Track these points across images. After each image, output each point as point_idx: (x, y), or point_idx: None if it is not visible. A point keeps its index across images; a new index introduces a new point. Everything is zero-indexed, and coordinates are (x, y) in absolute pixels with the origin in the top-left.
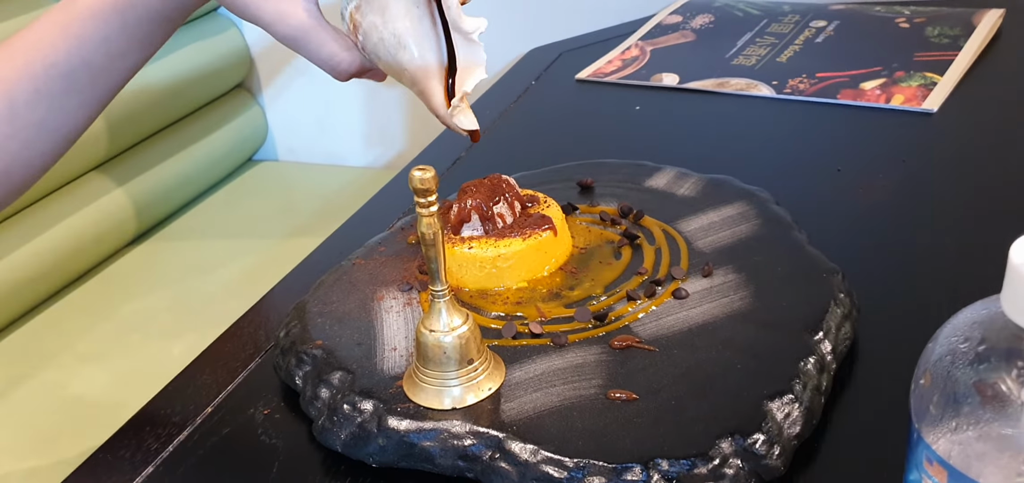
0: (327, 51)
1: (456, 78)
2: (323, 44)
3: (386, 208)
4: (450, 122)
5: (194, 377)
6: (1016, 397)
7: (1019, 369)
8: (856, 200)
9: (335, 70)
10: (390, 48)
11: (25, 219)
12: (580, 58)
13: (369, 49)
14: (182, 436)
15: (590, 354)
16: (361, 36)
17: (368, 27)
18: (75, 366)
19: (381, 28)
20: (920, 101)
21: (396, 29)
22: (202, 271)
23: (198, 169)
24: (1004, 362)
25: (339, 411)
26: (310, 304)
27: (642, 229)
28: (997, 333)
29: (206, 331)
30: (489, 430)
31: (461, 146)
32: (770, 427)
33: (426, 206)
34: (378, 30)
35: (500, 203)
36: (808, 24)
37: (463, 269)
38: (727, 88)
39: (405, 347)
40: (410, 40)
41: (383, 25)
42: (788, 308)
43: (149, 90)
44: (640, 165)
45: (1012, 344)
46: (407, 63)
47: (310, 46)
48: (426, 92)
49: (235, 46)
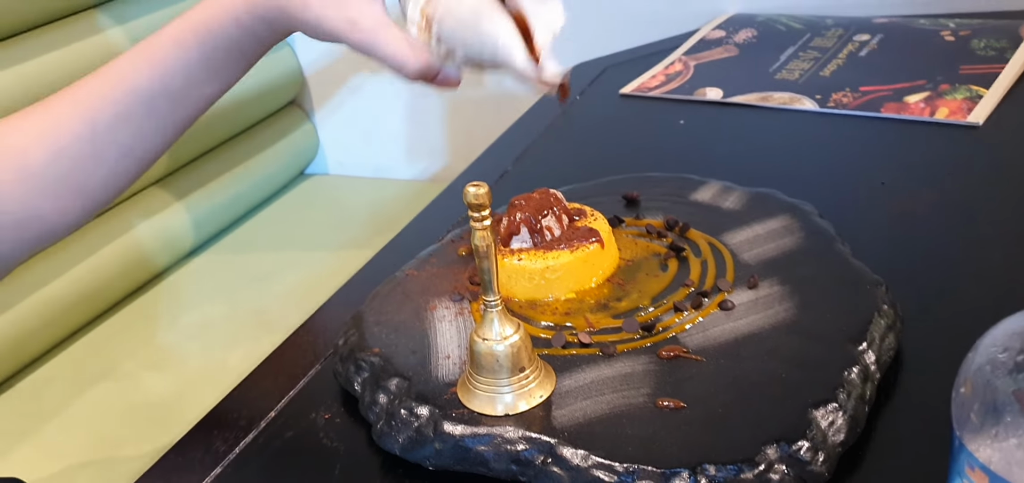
0: (395, 49)
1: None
2: (391, 42)
3: (436, 221)
4: (542, 77)
5: (257, 382)
6: None
7: None
8: (900, 213)
9: (404, 68)
10: (469, 24)
11: (89, 232)
12: (624, 73)
13: (446, 35)
14: (248, 438)
15: (638, 364)
16: (437, 26)
17: (443, 12)
18: (137, 373)
19: (455, 8)
20: (965, 114)
21: (471, 4)
22: (257, 282)
23: (253, 183)
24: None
25: (397, 416)
26: (367, 313)
27: (688, 242)
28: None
29: (261, 340)
30: (541, 436)
31: (507, 160)
32: (815, 434)
33: (480, 220)
34: (452, 12)
35: (548, 216)
36: (852, 38)
37: (513, 280)
38: (770, 102)
39: (458, 355)
40: (485, 8)
41: (457, 4)
42: (832, 319)
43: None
44: (685, 179)
45: None
46: (488, 29)
47: (380, 46)
48: (510, 58)
49: (288, 66)
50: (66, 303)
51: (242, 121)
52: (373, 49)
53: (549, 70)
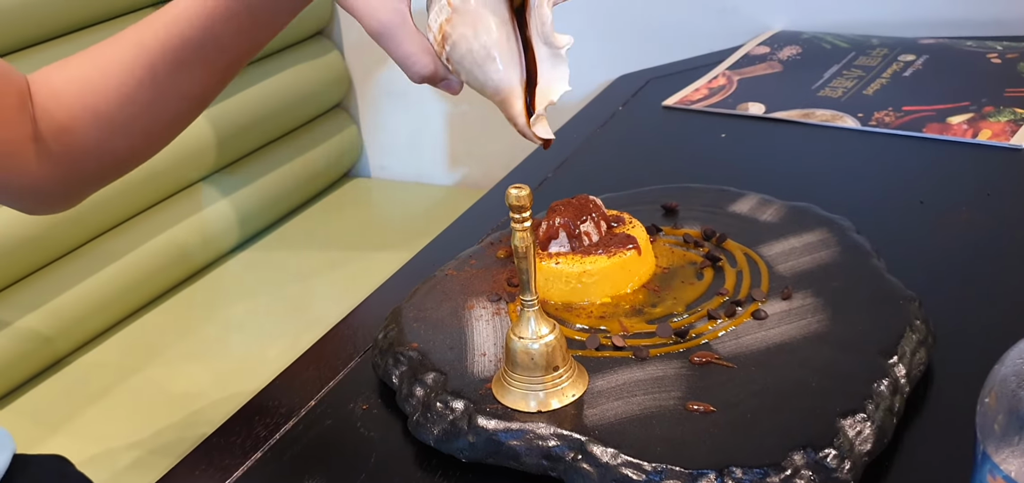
0: (406, 50)
1: (537, 90)
2: (403, 42)
3: (476, 224)
4: (528, 132)
5: (299, 373)
6: None
7: None
8: (937, 231)
9: (411, 70)
10: (479, 60)
11: (138, 224)
12: (667, 85)
13: (455, 60)
14: (288, 425)
15: (670, 368)
16: (449, 46)
17: (458, 38)
18: (180, 363)
19: (471, 40)
20: (1009, 136)
21: (486, 42)
22: (298, 279)
23: (297, 183)
24: None
25: (432, 409)
26: (406, 310)
27: (724, 252)
28: None
29: (300, 336)
30: (572, 433)
31: (547, 167)
32: (842, 443)
33: (520, 221)
34: (468, 41)
35: (587, 222)
36: (896, 58)
37: (550, 283)
38: (812, 119)
39: (494, 353)
40: (498, 53)
41: (474, 37)
42: (864, 332)
43: (255, 108)
44: (724, 190)
45: None
46: (493, 74)
47: (392, 42)
48: (507, 103)
49: (335, 68)
50: (114, 292)
51: (289, 122)
52: (387, 41)
53: (536, 132)
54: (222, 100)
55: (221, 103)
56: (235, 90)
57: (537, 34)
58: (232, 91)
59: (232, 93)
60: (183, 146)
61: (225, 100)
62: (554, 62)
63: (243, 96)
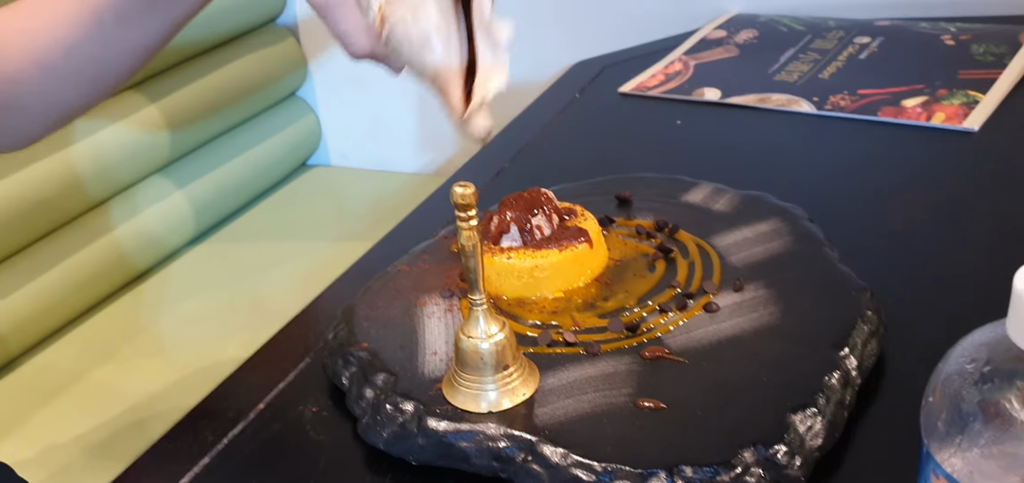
0: (344, 27)
1: (475, 83)
2: (342, 20)
3: (431, 216)
4: (462, 125)
5: (248, 375)
6: (1018, 416)
7: (1020, 390)
8: (891, 218)
9: (350, 48)
10: (416, 46)
11: (90, 220)
12: (624, 71)
13: (393, 43)
14: (236, 430)
15: (621, 364)
16: (387, 29)
17: (396, 21)
18: (134, 362)
19: (409, 24)
20: (961, 119)
21: (424, 28)
22: (256, 272)
23: (254, 173)
24: (1007, 383)
25: (382, 411)
26: (357, 308)
27: (677, 243)
28: (1002, 355)
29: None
30: (522, 433)
31: (504, 157)
32: (792, 439)
33: (466, 220)
34: (406, 26)
35: (538, 215)
36: (852, 40)
37: (502, 278)
38: (768, 104)
39: (445, 351)
40: (436, 40)
41: (412, 22)
42: (815, 324)
43: (209, 97)
44: (677, 180)
45: (1015, 366)
46: (430, 62)
47: (332, 18)
48: (445, 92)
49: (291, 55)
50: (67, 289)
51: (245, 111)
52: (328, 16)
53: (473, 126)
54: (175, 90)
55: (174, 93)
56: (188, 80)
57: (477, 23)
58: (185, 81)
59: (186, 83)
60: (136, 137)
61: (178, 90)
62: (493, 54)
63: (197, 86)
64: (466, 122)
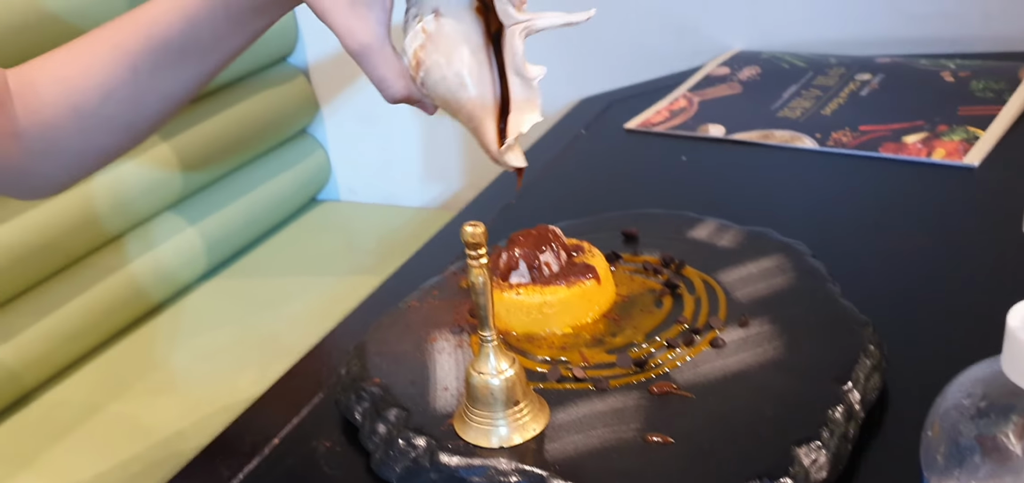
0: (381, 73)
1: (509, 119)
2: (380, 65)
3: (440, 251)
4: (500, 159)
5: (262, 410)
6: (1014, 450)
7: (1016, 425)
8: (892, 253)
9: (387, 92)
10: (452, 87)
11: (104, 256)
12: (629, 108)
13: (429, 85)
14: (251, 465)
15: (630, 399)
16: (422, 73)
17: (431, 65)
18: (148, 396)
19: (444, 67)
20: (961, 155)
21: (458, 69)
22: (268, 306)
23: (265, 208)
24: (1003, 418)
25: (395, 446)
26: (369, 343)
27: (683, 279)
28: (998, 390)
29: (270, 365)
30: (534, 468)
31: (511, 192)
32: (797, 472)
33: (476, 258)
34: (441, 68)
35: (546, 252)
36: (853, 77)
37: (511, 314)
38: (771, 140)
39: (456, 387)
40: (470, 80)
41: (446, 65)
42: (819, 358)
43: (221, 134)
44: (683, 216)
45: (1011, 401)
46: (466, 101)
47: (369, 63)
48: (480, 130)
49: (302, 93)
50: (82, 325)
51: (256, 147)
52: (364, 62)
53: (508, 160)
54: (188, 128)
55: (187, 131)
56: (201, 118)
57: (509, 64)
58: (198, 119)
59: (198, 121)
60: (149, 174)
61: (191, 128)
62: (526, 92)
63: (210, 123)
64: (502, 157)
